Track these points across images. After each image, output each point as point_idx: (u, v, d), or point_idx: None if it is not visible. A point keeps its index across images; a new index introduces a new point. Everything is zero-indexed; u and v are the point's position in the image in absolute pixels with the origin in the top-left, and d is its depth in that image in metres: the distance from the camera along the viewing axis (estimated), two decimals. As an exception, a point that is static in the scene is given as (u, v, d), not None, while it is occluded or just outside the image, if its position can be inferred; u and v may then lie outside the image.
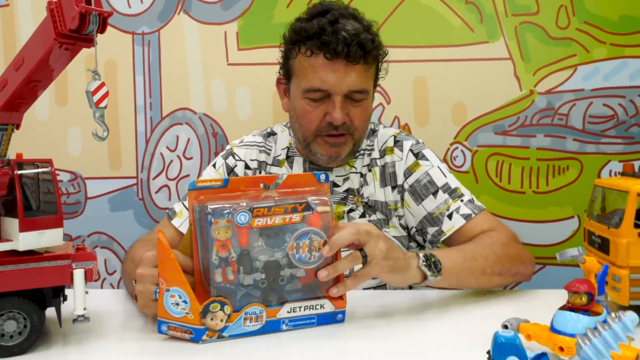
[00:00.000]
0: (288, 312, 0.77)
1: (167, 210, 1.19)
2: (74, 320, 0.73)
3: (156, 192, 1.62)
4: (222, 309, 0.73)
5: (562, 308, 0.65)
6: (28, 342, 0.71)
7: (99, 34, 0.57)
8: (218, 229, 0.74)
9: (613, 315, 0.42)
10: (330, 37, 1.00)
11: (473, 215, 1.06)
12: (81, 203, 1.63)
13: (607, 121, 1.50)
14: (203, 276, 0.76)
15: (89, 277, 0.75)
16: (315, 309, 0.79)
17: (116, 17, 1.59)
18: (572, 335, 0.58)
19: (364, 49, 1.01)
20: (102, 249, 1.63)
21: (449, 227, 1.06)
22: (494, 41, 1.52)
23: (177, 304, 0.73)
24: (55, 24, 0.55)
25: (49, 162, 0.77)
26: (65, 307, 0.76)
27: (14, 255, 0.72)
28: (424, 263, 0.85)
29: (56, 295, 0.75)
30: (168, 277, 0.73)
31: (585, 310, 0.63)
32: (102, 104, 0.62)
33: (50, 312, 0.75)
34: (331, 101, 1.04)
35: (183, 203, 1.16)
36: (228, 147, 1.23)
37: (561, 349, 0.59)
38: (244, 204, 0.76)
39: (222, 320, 0.73)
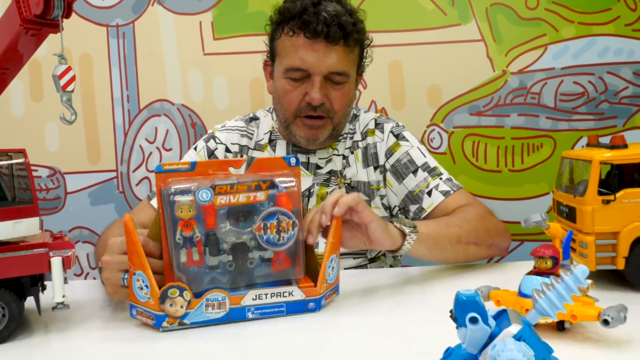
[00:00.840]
0: (253, 299, 0.74)
1: (149, 192, 1.21)
2: (54, 308, 0.74)
3: (137, 185, 1.62)
4: (181, 295, 0.71)
5: (529, 273, 0.67)
6: (7, 331, 0.72)
7: (64, 19, 0.58)
8: (181, 207, 0.72)
9: (565, 269, 0.44)
10: (312, 17, 1.01)
11: (451, 192, 1.09)
12: (61, 198, 1.62)
13: (577, 98, 1.54)
14: (171, 260, 0.74)
15: (67, 264, 0.75)
16: (283, 296, 0.76)
17: (90, 9, 1.59)
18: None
19: (344, 30, 1.02)
20: (84, 244, 1.63)
21: (429, 203, 1.08)
22: (466, 23, 1.54)
23: (141, 289, 0.72)
24: (20, 10, 0.55)
25: (22, 152, 0.77)
26: (44, 296, 0.77)
27: (-9, 245, 0.72)
28: (399, 223, 0.88)
29: (34, 284, 0.75)
30: (134, 261, 0.72)
31: (550, 274, 0.65)
32: (69, 88, 0.63)
33: (29, 302, 0.76)
34: (311, 81, 1.06)
35: None
36: (210, 131, 1.24)
37: (527, 311, 0.61)
38: (207, 183, 0.75)
39: (182, 307, 0.71)
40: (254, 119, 1.24)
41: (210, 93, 1.59)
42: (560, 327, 0.65)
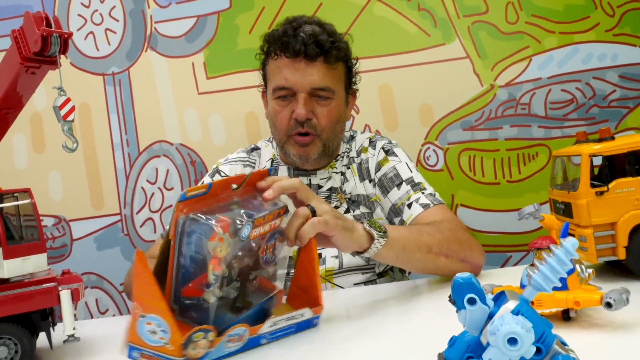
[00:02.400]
0: (270, 326, 0.73)
1: (162, 231, 1.23)
2: (65, 341, 0.75)
3: (141, 226, 1.63)
4: (205, 337, 0.65)
5: (530, 266, 0.68)
6: (21, 367, 0.72)
7: (61, 55, 0.61)
8: (220, 247, 0.65)
9: (557, 244, 0.45)
10: (291, 38, 1.08)
11: (431, 205, 1.09)
12: (67, 246, 1.64)
13: (567, 105, 1.57)
14: (174, 294, 0.68)
15: (75, 297, 0.77)
16: (296, 318, 0.75)
17: (86, 60, 1.64)
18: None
19: (322, 47, 1.07)
20: (92, 289, 1.63)
21: (408, 215, 1.09)
22: (450, 42, 1.59)
23: (154, 332, 0.64)
24: (20, 50, 0.59)
25: (27, 192, 0.79)
26: (55, 334, 0.78)
27: (1, 284, 0.74)
28: (369, 226, 0.85)
29: (44, 318, 0.76)
30: (145, 303, 0.65)
31: (550, 264, 0.66)
32: (69, 118, 0.65)
33: (41, 338, 0.77)
34: (296, 99, 1.10)
35: None
36: (214, 165, 1.27)
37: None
38: (243, 214, 0.68)
39: (204, 348, 0.65)
40: (255, 149, 1.27)
41: (207, 130, 1.63)
42: (565, 316, 0.66)
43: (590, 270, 0.69)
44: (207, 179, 1.24)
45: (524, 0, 1.57)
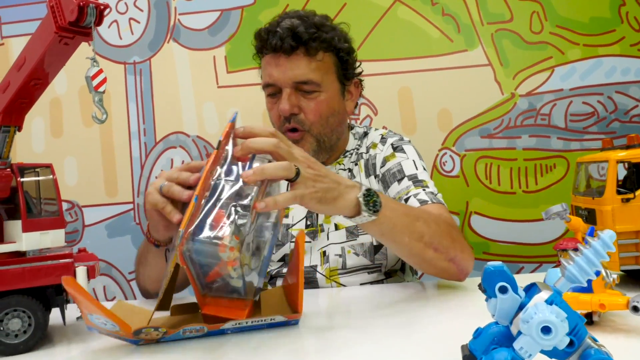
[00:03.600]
0: (233, 324, 0.72)
1: None
2: (78, 318, 0.74)
3: (153, 216, 1.63)
4: (156, 330, 0.69)
5: (554, 267, 0.67)
6: (33, 340, 0.72)
7: (96, 27, 0.61)
8: (230, 254, 0.65)
9: (593, 236, 0.44)
10: (270, 34, 1.07)
11: (429, 202, 1.03)
12: (79, 231, 1.64)
13: (588, 118, 1.55)
14: (200, 286, 0.71)
15: (91, 274, 0.76)
16: (266, 321, 0.74)
17: (108, 48, 1.65)
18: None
19: (299, 40, 1.05)
20: (100, 276, 1.63)
21: None
22: (472, 49, 1.58)
23: (105, 324, 0.67)
24: (55, 18, 0.59)
25: (49, 167, 0.80)
26: (67, 312, 0.77)
27: (18, 256, 0.74)
28: (364, 198, 0.79)
29: (59, 294, 0.76)
30: (88, 310, 0.66)
31: (575, 266, 0.65)
32: (101, 89, 0.65)
33: (53, 315, 0.76)
34: (282, 95, 1.08)
35: None
36: None
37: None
38: (237, 207, 0.67)
39: (157, 335, 0.70)
40: None
41: (224, 124, 1.62)
42: (589, 319, 0.65)
43: (615, 275, 0.67)
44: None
45: (549, 10, 1.56)
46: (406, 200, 1.05)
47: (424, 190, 1.06)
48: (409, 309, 0.83)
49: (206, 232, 0.65)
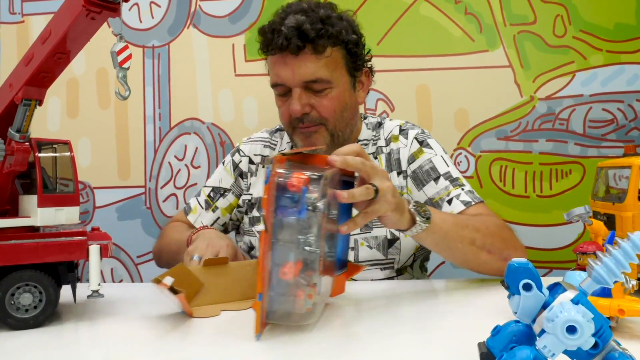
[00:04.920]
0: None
1: (184, 205, 1.24)
2: (89, 296, 0.74)
3: (164, 201, 1.63)
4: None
5: (573, 270, 0.66)
6: (43, 315, 0.72)
7: (123, 3, 0.61)
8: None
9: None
10: (274, 34, 1.03)
11: (472, 203, 1.06)
12: (89, 212, 1.64)
13: (606, 125, 1.53)
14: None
15: (104, 253, 0.76)
16: None
17: (128, 31, 1.65)
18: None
19: (306, 38, 1.02)
20: (108, 258, 1.63)
21: (449, 211, 1.06)
22: (493, 50, 1.57)
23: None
24: (83, -9, 0.58)
25: (67, 144, 0.79)
26: (78, 290, 0.77)
27: (33, 231, 0.74)
28: (414, 208, 0.84)
29: (70, 271, 0.76)
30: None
31: (594, 271, 0.64)
32: (126, 65, 0.64)
33: (63, 292, 0.77)
34: (292, 94, 1.06)
35: (197, 199, 1.22)
36: (237, 144, 1.27)
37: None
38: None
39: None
40: (280, 130, 1.26)
41: (240, 113, 1.63)
42: (605, 325, 0.63)
43: (634, 282, 0.66)
44: (227, 158, 1.25)
45: (573, 14, 1.54)
46: (449, 202, 1.06)
47: (462, 189, 1.08)
48: (421, 305, 0.82)
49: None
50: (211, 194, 1.21)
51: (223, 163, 1.24)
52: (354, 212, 0.80)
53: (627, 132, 1.53)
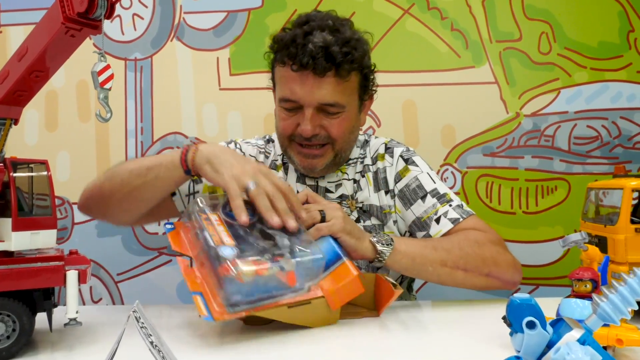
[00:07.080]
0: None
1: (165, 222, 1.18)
2: (66, 324, 0.71)
3: (145, 217, 1.59)
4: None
5: (568, 297, 0.64)
6: (17, 346, 0.68)
7: (105, 20, 0.58)
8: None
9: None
10: (299, 49, 0.98)
11: (461, 219, 1.05)
12: (67, 229, 1.60)
13: (591, 142, 1.54)
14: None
15: (82, 279, 0.73)
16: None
17: (110, 43, 1.62)
18: (580, 321, 0.58)
19: (333, 61, 0.98)
20: (88, 276, 1.58)
21: (437, 231, 1.05)
22: (479, 66, 1.57)
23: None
24: (63, 8, 0.55)
25: (44, 163, 0.76)
26: (54, 316, 0.73)
27: (6, 256, 0.70)
28: (375, 238, 0.92)
29: (47, 298, 0.72)
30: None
31: (590, 297, 0.62)
32: (107, 86, 0.61)
33: (39, 319, 0.73)
34: (303, 112, 1.03)
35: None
36: (232, 139, 1.23)
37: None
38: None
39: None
40: (271, 140, 1.23)
41: (224, 127, 1.60)
42: (602, 354, 0.62)
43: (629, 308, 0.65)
44: (221, 143, 1.17)
45: (558, 32, 1.55)
46: (437, 220, 1.06)
47: (450, 206, 1.07)
48: (409, 333, 0.80)
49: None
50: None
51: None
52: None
53: (612, 149, 1.54)
